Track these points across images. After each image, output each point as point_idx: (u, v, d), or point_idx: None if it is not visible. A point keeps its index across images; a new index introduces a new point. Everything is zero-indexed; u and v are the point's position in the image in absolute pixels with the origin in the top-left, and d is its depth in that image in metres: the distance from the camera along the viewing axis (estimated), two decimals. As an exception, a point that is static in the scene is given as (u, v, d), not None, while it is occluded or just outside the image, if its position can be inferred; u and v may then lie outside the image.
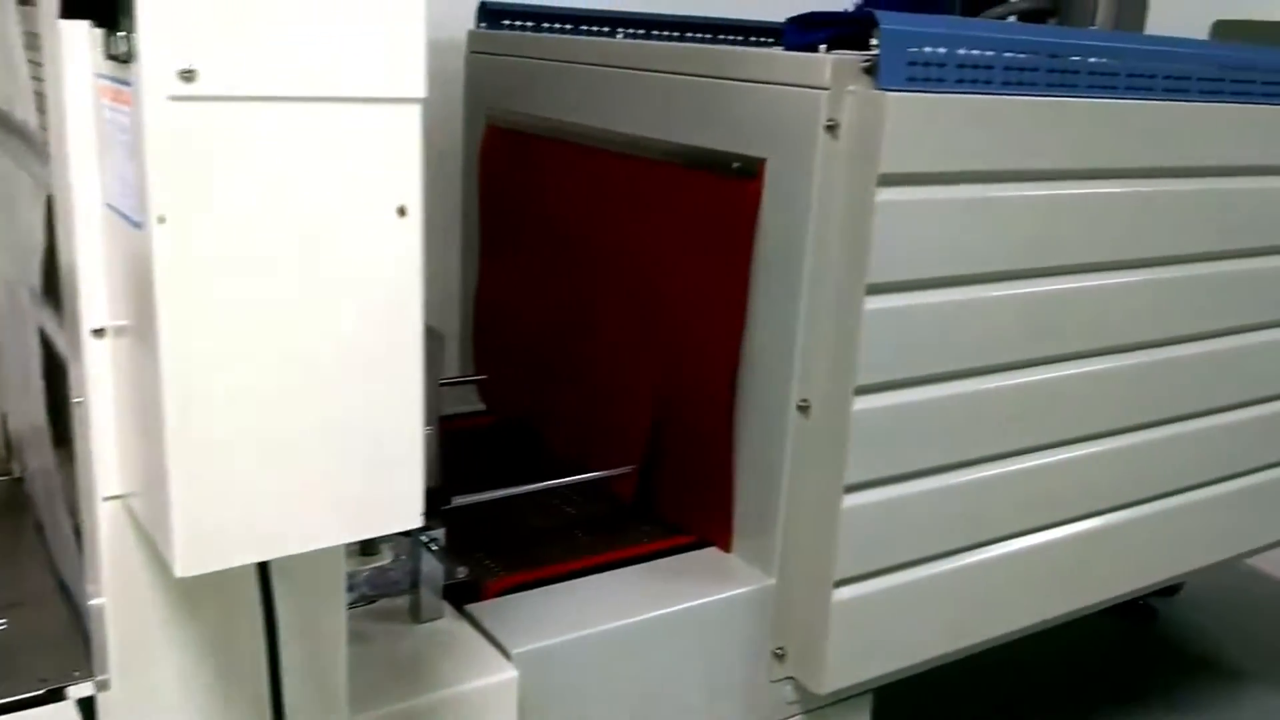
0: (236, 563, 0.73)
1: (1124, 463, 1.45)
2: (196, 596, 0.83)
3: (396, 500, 0.75)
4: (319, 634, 0.91)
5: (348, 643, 1.09)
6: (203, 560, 0.71)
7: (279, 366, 0.69)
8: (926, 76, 1.13)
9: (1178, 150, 1.36)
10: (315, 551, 0.76)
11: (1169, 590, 2.77)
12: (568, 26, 1.70)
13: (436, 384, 1.22)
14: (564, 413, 1.55)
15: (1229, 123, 1.40)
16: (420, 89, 0.68)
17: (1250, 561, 2.20)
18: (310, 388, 0.70)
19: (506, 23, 1.67)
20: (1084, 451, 1.40)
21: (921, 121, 1.12)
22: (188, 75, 0.63)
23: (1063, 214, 1.27)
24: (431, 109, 1.74)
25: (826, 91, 1.12)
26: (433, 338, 1.20)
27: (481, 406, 1.73)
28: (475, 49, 1.67)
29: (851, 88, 1.12)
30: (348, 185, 0.68)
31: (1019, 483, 1.34)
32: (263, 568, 0.80)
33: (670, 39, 1.79)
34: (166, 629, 0.83)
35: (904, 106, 1.10)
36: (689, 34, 1.81)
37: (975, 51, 1.16)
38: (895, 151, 1.11)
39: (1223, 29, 2.49)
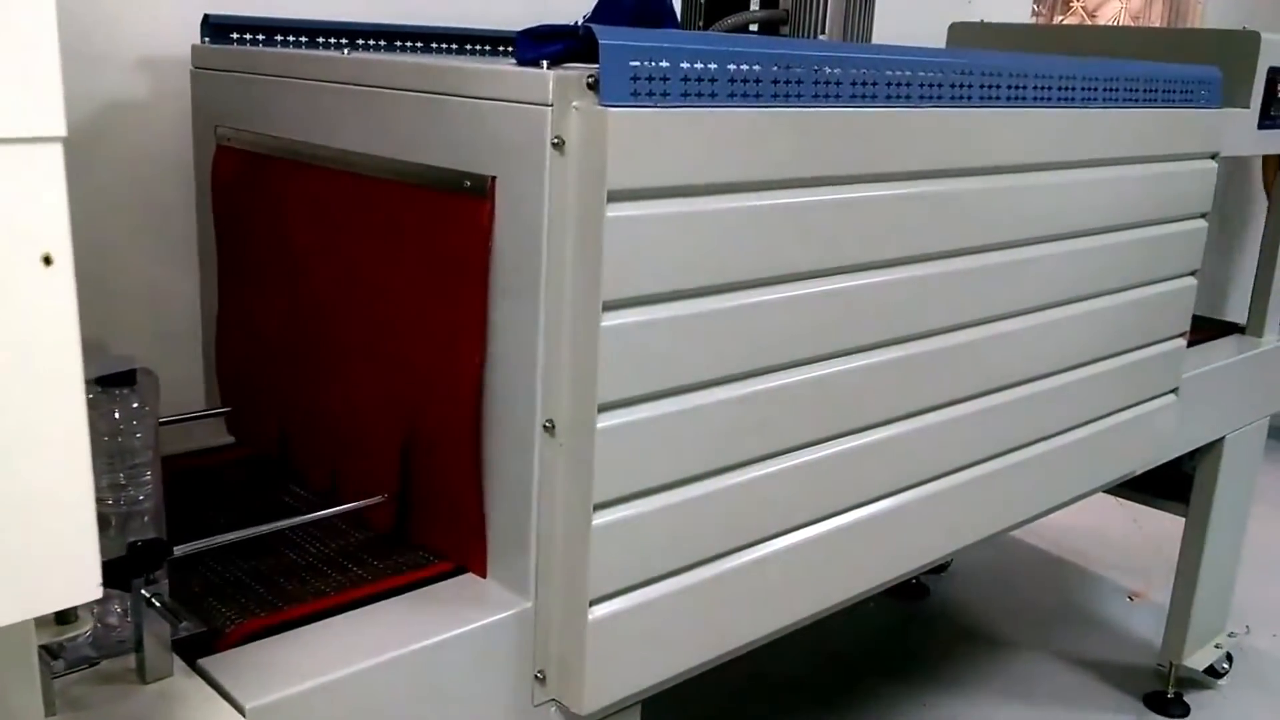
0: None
1: (886, 452, 1.50)
2: None
3: (68, 572, 0.69)
4: (10, 713, 0.83)
5: (66, 709, 1.02)
6: None
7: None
8: (650, 91, 1.12)
9: (903, 155, 1.41)
10: (-11, 630, 0.69)
11: (939, 567, 2.91)
12: (301, 40, 1.62)
13: (154, 426, 1.14)
14: (315, 444, 1.48)
15: (949, 126, 1.46)
16: (59, 127, 0.62)
17: (1012, 533, 2.33)
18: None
19: (235, 36, 1.58)
20: (844, 446, 1.43)
21: (647, 136, 1.12)
22: None
23: (796, 221, 1.29)
24: (163, 128, 1.63)
25: (550, 108, 1.11)
26: (146, 377, 1.13)
27: (231, 440, 1.64)
28: (200, 65, 1.57)
29: (576, 104, 1.11)
30: (-25, 235, 0.61)
31: (778, 483, 1.36)
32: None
33: (413, 51, 1.73)
34: None
35: (628, 122, 1.10)
36: (433, 45, 1.76)
37: (699, 65, 1.16)
38: (622, 167, 1.10)
39: (958, 32, 2.62)
